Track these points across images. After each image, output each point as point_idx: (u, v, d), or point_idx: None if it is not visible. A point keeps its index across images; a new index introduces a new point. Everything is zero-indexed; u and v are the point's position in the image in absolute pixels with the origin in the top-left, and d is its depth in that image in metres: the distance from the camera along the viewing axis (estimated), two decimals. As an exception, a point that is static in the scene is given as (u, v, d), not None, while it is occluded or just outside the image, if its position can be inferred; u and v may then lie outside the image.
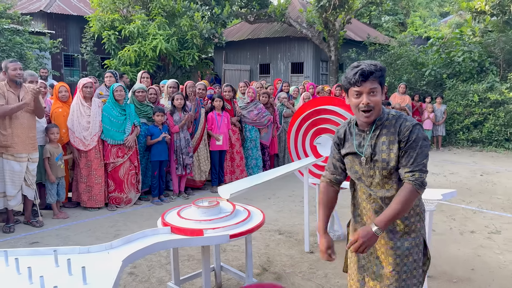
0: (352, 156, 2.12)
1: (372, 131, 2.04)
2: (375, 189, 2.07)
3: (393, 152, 1.97)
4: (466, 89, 11.49)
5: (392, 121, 2.01)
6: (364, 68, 1.92)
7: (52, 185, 5.18)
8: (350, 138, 2.14)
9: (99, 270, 2.30)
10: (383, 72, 1.96)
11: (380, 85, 1.97)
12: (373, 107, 1.95)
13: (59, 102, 5.39)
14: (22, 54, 10.58)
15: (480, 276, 3.67)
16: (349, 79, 1.97)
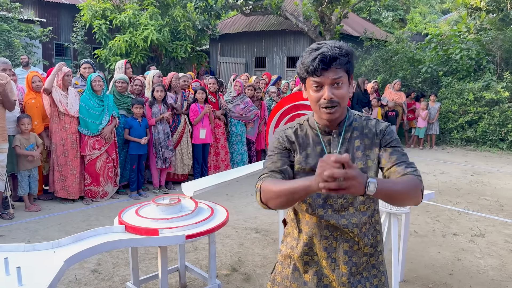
0: (312, 168, 1.57)
1: (343, 134, 1.61)
2: (348, 215, 1.57)
3: (371, 159, 1.59)
4: (462, 87, 11.30)
5: (361, 122, 1.63)
6: (325, 52, 1.45)
7: (23, 177, 5.01)
8: (307, 144, 1.62)
9: (39, 270, 2.16)
10: (350, 57, 1.51)
11: (347, 74, 1.52)
12: (338, 102, 1.50)
13: (32, 92, 5.19)
14: (9, 42, 10.37)
15: (458, 281, 3.52)
16: (306, 66, 1.49)
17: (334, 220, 1.57)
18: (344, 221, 1.57)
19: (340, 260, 1.60)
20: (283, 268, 1.72)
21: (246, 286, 3.36)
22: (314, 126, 1.63)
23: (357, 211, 1.58)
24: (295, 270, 1.68)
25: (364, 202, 1.59)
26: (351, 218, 1.57)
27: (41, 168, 5.41)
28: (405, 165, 1.53)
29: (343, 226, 1.57)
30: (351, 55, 1.52)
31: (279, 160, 1.61)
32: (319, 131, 1.62)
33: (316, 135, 1.62)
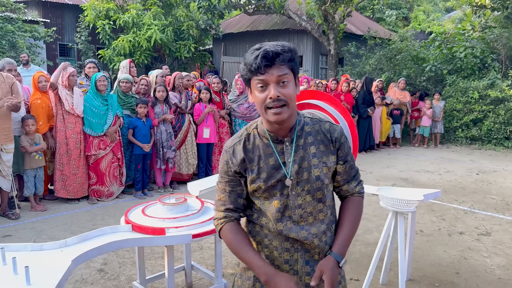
0: (266, 182, 1.51)
1: (295, 140, 1.52)
2: (308, 226, 1.53)
3: (327, 166, 1.54)
4: (467, 85, 11.25)
5: (314, 125, 1.56)
6: (267, 49, 1.41)
7: (29, 177, 5.03)
8: (259, 156, 1.53)
9: (47, 270, 2.16)
10: (293, 54, 1.45)
11: (293, 72, 1.46)
12: (285, 101, 1.42)
13: (38, 92, 5.20)
14: (14, 43, 10.40)
15: (464, 280, 3.50)
16: (249, 65, 1.43)
17: (293, 233, 1.53)
18: (304, 233, 1.53)
19: (302, 271, 1.56)
20: (243, 281, 1.65)
21: (252, 285, 3.36)
22: (265, 134, 1.54)
23: (315, 220, 1.55)
24: (256, 282, 1.60)
25: (322, 210, 1.56)
26: (310, 228, 1.54)
27: (46, 168, 5.42)
28: (354, 182, 1.63)
29: (303, 238, 1.53)
30: (294, 52, 1.47)
31: (231, 193, 1.59)
32: (271, 139, 1.53)
33: (267, 145, 1.53)
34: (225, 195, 1.60)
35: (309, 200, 1.53)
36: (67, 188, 5.32)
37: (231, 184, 1.58)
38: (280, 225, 1.53)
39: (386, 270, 3.39)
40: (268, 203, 1.54)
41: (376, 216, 5.11)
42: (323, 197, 1.55)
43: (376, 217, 5.08)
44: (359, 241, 4.30)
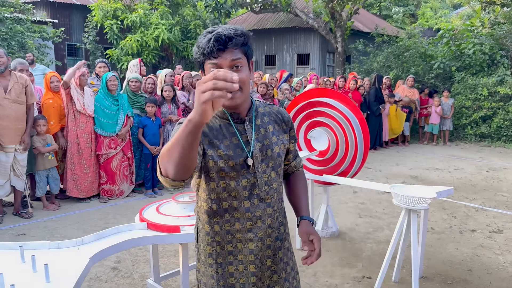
0: (234, 161, 1.50)
1: (254, 120, 1.56)
2: (273, 202, 1.57)
3: (284, 143, 1.63)
4: (476, 82, 11.17)
5: (264, 107, 1.64)
6: (220, 32, 1.39)
7: (41, 177, 5.08)
8: (223, 135, 1.51)
9: (65, 268, 2.19)
10: (247, 38, 1.44)
11: (246, 57, 1.46)
12: (239, 86, 1.40)
13: (50, 92, 5.24)
14: (23, 43, 10.49)
15: (477, 277, 3.49)
16: (202, 49, 1.41)
17: (259, 211, 1.55)
18: (269, 210, 1.57)
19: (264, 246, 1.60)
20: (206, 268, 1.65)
21: (265, 283, 3.37)
22: (224, 115, 1.54)
23: (278, 196, 1.62)
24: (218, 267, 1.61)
25: (281, 186, 1.66)
26: (275, 204, 1.60)
27: (57, 168, 5.47)
28: (298, 158, 1.79)
29: (268, 216, 1.57)
30: (248, 36, 1.46)
31: None
32: (231, 120, 1.54)
33: (229, 125, 1.53)
34: None
35: (274, 177, 1.58)
36: (79, 187, 5.36)
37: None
38: (247, 202, 1.53)
39: (399, 267, 3.39)
40: (235, 182, 1.52)
41: (386, 214, 5.10)
42: (281, 173, 1.64)
43: (386, 215, 5.07)
44: (371, 239, 4.30)
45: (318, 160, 4.23)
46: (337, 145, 4.06)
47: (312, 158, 4.25)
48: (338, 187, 5.94)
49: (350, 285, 3.35)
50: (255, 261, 1.59)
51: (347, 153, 4.03)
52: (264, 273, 1.64)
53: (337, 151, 4.07)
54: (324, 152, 4.15)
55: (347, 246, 4.12)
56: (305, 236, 1.60)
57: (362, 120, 3.95)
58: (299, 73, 16.20)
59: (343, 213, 5.12)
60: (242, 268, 1.59)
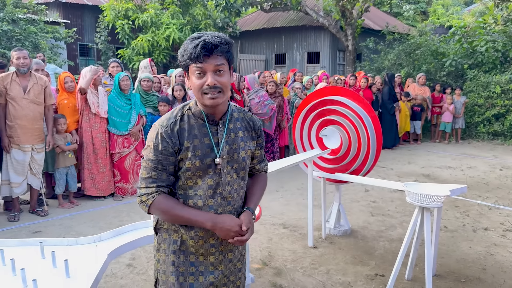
0: (201, 160, 1.61)
1: (227, 124, 1.68)
2: (233, 201, 1.70)
3: (250, 149, 1.76)
4: (488, 80, 11.05)
5: (239, 113, 1.76)
6: (207, 40, 1.52)
7: (61, 175, 5.17)
8: (194, 135, 1.62)
9: (84, 263, 2.24)
10: (229, 47, 1.58)
11: (228, 63, 1.59)
12: (221, 88, 1.56)
13: (65, 93, 5.32)
14: (37, 44, 10.64)
15: (491, 276, 3.48)
16: (188, 53, 1.53)
17: (221, 208, 1.68)
18: (229, 208, 1.70)
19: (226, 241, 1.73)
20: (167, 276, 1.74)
21: (278, 280, 3.40)
22: (201, 115, 1.64)
23: (238, 196, 1.74)
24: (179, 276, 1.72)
25: (242, 188, 1.77)
26: (235, 204, 1.72)
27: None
28: (263, 163, 1.91)
29: (228, 213, 1.69)
30: (231, 44, 1.59)
31: (164, 171, 1.62)
32: (207, 120, 1.65)
33: (203, 126, 1.65)
34: (157, 173, 1.62)
35: (235, 178, 1.70)
36: (97, 186, 5.45)
37: (164, 163, 1.61)
38: (211, 201, 1.65)
39: (412, 265, 3.39)
40: (201, 181, 1.64)
41: (399, 212, 5.10)
42: (244, 176, 1.76)
43: (399, 213, 5.06)
44: (383, 237, 4.30)
45: (330, 159, 4.24)
46: (349, 143, 4.07)
47: (324, 157, 4.27)
48: (350, 185, 5.94)
49: (363, 282, 3.37)
50: (215, 253, 1.73)
51: (359, 152, 4.03)
52: (226, 266, 1.78)
53: (349, 150, 4.08)
54: (336, 151, 4.16)
55: (360, 244, 4.13)
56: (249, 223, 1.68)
57: (374, 118, 3.95)
58: (309, 71, 16.17)
59: (355, 211, 5.13)
60: (203, 258, 1.72)
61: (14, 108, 4.55)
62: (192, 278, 1.72)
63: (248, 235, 1.66)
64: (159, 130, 1.62)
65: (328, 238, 4.27)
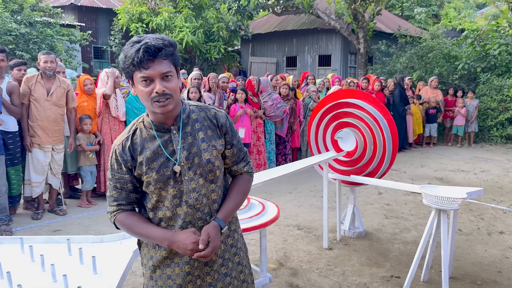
0: (157, 172, 1.56)
1: (181, 128, 1.59)
2: (202, 207, 1.61)
3: (217, 149, 1.63)
4: (501, 83, 10.99)
5: (200, 112, 1.65)
6: (149, 43, 1.42)
7: (86, 172, 5.30)
8: (147, 148, 1.57)
9: (110, 260, 2.31)
10: (174, 49, 1.50)
11: (175, 66, 1.51)
12: (170, 94, 1.48)
13: (84, 95, 5.43)
14: (53, 46, 10.84)
15: (507, 279, 3.49)
16: (131, 59, 1.44)
17: (189, 217, 1.60)
18: (198, 214, 1.62)
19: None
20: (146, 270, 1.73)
21: (294, 280, 3.45)
22: (150, 125, 1.59)
23: (209, 200, 1.64)
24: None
25: (214, 190, 1.66)
26: (204, 208, 1.63)
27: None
28: (242, 163, 1.77)
29: (198, 219, 1.61)
30: (175, 46, 1.52)
31: (123, 190, 1.62)
32: (157, 130, 1.58)
33: (154, 137, 1.58)
34: (116, 192, 1.63)
35: (202, 183, 1.61)
36: None
37: (121, 182, 1.61)
38: (179, 209, 1.60)
39: (428, 267, 3.42)
40: (165, 192, 1.59)
41: (413, 215, 5.11)
42: (215, 178, 1.65)
43: (413, 216, 5.08)
44: (398, 240, 4.33)
45: (345, 161, 4.29)
46: (364, 146, 4.11)
47: (339, 159, 4.31)
48: (363, 188, 5.97)
49: (379, 284, 3.40)
50: (190, 261, 1.64)
51: (375, 154, 4.07)
52: (202, 270, 1.67)
53: (364, 152, 4.12)
54: (351, 153, 4.20)
55: (375, 246, 4.16)
56: (205, 235, 1.56)
57: (390, 120, 3.99)
58: (321, 74, 16.20)
59: (369, 213, 5.16)
60: (178, 270, 1.65)
61: (37, 109, 4.67)
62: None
63: (207, 251, 1.53)
64: (113, 149, 1.62)
65: (343, 240, 4.31)
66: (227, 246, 1.73)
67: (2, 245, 2.46)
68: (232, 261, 1.74)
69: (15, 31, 10.06)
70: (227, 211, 1.65)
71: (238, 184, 1.75)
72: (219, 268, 1.69)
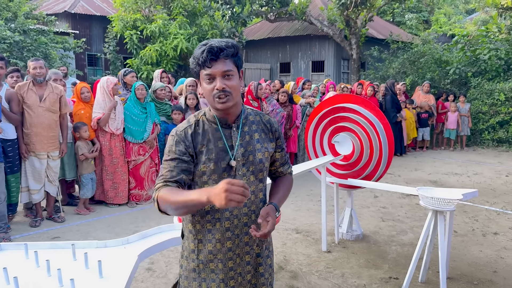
0: (216, 163, 1.65)
1: (241, 127, 1.71)
2: (249, 203, 1.69)
3: (268, 151, 1.75)
4: (492, 87, 11.18)
5: (255, 116, 1.78)
6: (212, 44, 1.57)
7: (87, 179, 5.30)
8: (208, 140, 1.68)
9: (115, 264, 2.33)
10: (237, 50, 1.62)
11: (237, 67, 1.63)
12: (230, 92, 1.59)
13: (81, 103, 5.44)
14: (47, 54, 10.83)
15: (503, 279, 3.56)
16: (197, 59, 1.60)
17: (236, 210, 1.68)
18: (245, 210, 1.70)
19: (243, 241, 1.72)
20: (189, 283, 1.78)
21: (295, 283, 3.50)
22: (214, 120, 1.69)
23: (256, 198, 1.73)
24: (202, 282, 1.74)
25: (261, 190, 1.76)
26: (251, 205, 1.71)
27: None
28: (287, 165, 1.90)
29: (244, 214, 1.69)
30: (237, 48, 1.63)
31: (175, 168, 1.62)
32: (220, 124, 1.69)
33: (216, 130, 1.69)
34: (167, 171, 1.62)
35: (252, 180, 1.71)
36: (121, 194, 5.61)
37: (177, 161, 1.63)
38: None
39: (425, 268, 3.48)
40: (214, 178, 1.66)
41: (409, 217, 5.19)
42: (263, 178, 1.76)
43: (409, 218, 5.15)
44: (395, 242, 4.39)
45: (342, 165, 4.35)
46: (361, 150, 4.18)
47: (337, 163, 4.37)
48: (359, 191, 6.04)
49: (378, 285, 3.46)
50: (233, 256, 1.72)
51: (371, 158, 4.14)
52: (244, 268, 1.75)
53: (361, 156, 4.19)
54: (348, 157, 4.27)
55: (372, 249, 4.22)
56: (265, 214, 1.61)
57: (386, 125, 4.07)
58: (314, 80, 16.32)
59: (366, 217, 5.22)
60: (222, 266, 1.71)
61: (30, 116, 4.68)
62: (214, 285, 1.73)
63: (269, 227, 1.55)
64: (175, 135, 1.69)
65: (341, 243, 4.36)
66: (263, 248, 1.81)
67: (6, 251, 2.48)
68: (266, 263, 1.83)
69: (9, 39, 10.05)
70: (280, 199, 1.77)
71: (285, 181, 1.88)
72: (257, 267, 1.79)
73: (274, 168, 1.88)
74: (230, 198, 1.29)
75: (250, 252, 1.76)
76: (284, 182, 1.88)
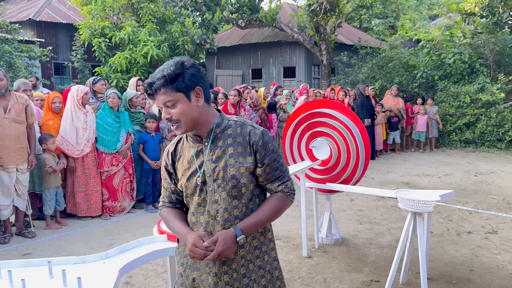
0: (188, 180, 1.70)
1: (211, 141, 1.68)
2: (223, 221, 1.65)
3: (244, 166, 1.65)
4: (458, 90, 11.58)
5: (236, 128, 1.69)
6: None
7: (52, 194, 5.08)
8: (184, 156, 1.74)
9: (95, 281, 2.24)
10: (170, 78, 1.57)
11: (181, 91, 1.58)
12: (177, 119, 1.61)
13: (50, 113, 5.24)
14: (11, 63, 10.46)
15: (479, 276, 3.65)
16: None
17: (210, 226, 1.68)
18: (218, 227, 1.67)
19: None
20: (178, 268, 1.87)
21: (277, 290, 3.46)
22: (191, 135, 1.74)
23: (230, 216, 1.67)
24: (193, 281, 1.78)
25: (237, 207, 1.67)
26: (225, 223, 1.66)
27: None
28: (277, 183, 1.73)
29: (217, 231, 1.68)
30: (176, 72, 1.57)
31: (166, 190, 1.84)
32: (192, 140, 1.73)
33: (191, 146, 1.73)
34: (163, 190, 1.86)
35: (224, 197, 1.65)
36: (94, 206, 5.42)
37: (166, 181, 1.82)
38: (201, 218, 1.71)
39: (406, 270, 3.53)
40: (192, 199, 1.73)
41: (385, 219, 5.26)
42: (239, 195, 1.66)
43: (385, 220, 5.23)
44: (374, 244, 4.44)
45: (320, 169, 4.37)
46: (338, 154, 4.21)
47: (315, 167, 4.39)
48: (335, 195, 6.09)
49: (360, 288, 3.47)
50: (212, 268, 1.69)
51: (349, 161, 4.18)
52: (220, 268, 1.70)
53: (339, 160, 4.23)
54: (326, 161, 4.30)
55: (352, 252, 4.25)
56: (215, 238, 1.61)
57: (362, 129, 4.12)
58: (286, 85, 16.46)
59: (344, 220, 5.26)
60: (204, 277, 1.73)
61: None
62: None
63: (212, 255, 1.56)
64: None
65: (321, 248, 4.37)
66: (251, 247, 1.73)
67: (-24, 271, 2.34)
68: (254, 264, 1.73)
69: (-30, 48, 9.68)
70: (248, 222, 1.65)
71: (270, 200, 1.73)
72: (238, 268, 1.70)
73: (261, 184, 1.75)
74: (192, 256, 1.59)
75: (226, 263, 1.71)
76: (268, 201, 1.73)
